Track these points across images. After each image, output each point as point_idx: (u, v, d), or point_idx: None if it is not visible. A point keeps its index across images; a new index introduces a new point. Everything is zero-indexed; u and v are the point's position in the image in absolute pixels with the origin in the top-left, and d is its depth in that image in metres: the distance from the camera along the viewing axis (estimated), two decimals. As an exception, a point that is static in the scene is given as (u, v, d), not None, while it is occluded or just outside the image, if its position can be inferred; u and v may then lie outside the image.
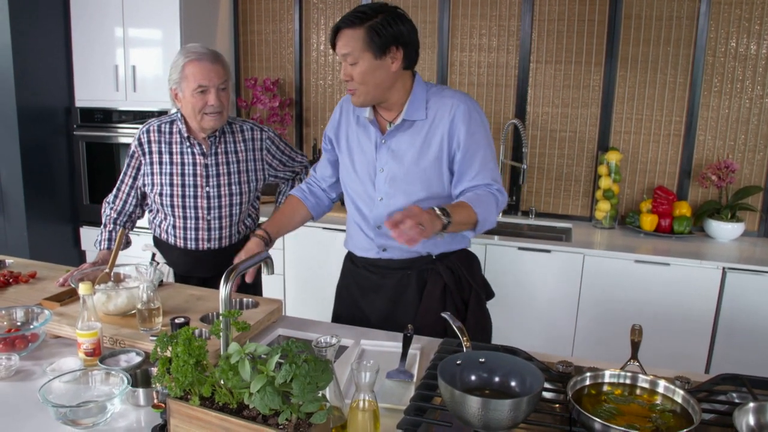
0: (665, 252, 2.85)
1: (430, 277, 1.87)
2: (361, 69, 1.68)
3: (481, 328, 1.91)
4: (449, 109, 1.74)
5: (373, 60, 1.68)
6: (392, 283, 1.89)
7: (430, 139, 1.75)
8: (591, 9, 3.22)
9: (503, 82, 3.45)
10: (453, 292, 1.86)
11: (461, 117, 1.72)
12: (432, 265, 1.87)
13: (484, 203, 1.67)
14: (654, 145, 3.26)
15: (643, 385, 1.27)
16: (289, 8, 3.80)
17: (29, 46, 3.37)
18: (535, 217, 3.50)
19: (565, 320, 2.97)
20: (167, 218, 2.15)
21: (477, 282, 1.92)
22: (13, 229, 3.49)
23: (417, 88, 1.78)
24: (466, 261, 1.92)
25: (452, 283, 1.86)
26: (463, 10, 3.44)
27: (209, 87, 1.97)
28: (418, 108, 1.76)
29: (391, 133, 1.79)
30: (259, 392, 1.05)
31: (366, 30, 1.65)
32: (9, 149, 3.39)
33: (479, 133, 1.74)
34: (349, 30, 1.67)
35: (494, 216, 1.69)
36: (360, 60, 1.67)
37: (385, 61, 1.69)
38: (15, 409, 1.34)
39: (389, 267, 1.88)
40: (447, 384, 1.18)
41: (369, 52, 1.67)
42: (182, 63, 1.98)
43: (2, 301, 1.84)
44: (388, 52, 1.68)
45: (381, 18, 1.66)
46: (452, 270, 1.87)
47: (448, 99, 1.75)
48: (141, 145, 2.13)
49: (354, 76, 1.70)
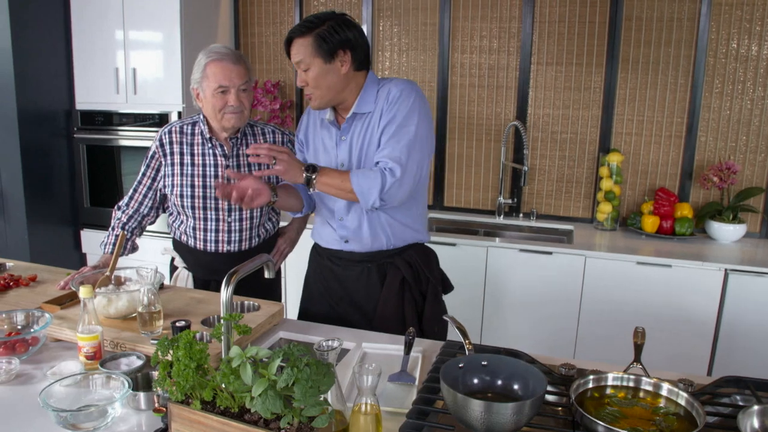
0: (667, 254, 2.84)
1: (389, 270, 1.97)
2: (314, 74, 1.80)
3: (437, 320, 2.01)
4: (386, 94, 1.86)
5: (323, 65, 1.80)
6: (354, 274, 2.00)
7: (374, 126, 1.86)
8: (591, 11, 3.22)
9: (504, 84, 3.45)
10: (411, 285, 1.97)
11: (386, 97, 1.84)
12: (391, 259, 1.98)
13: (364, 177, 1.78)
14: (655, 147, 3.26)
15: (646, 388, 1.27)
16: (290, 11, 3.80)
17: (30, 48, 3.37)
18: (537, 219, 3.49)
19: (567, 322, 2.96)
20: (188, 220, 2.14)
21: (434, 275, 2.03)
22: (14, 232, 3.49)
23: (368, 84, 1.89)
24: (424, 255, 2.03)
25: (410, 276, 1.97)
26: (464, 12, 3.44)
27: (230, 87, 1.97)
28: (368, 101, 1.87)
29: (345, 128, 1.91)
30: (261, 396, 1.04)
31: (314, 37, 1.78)
32: (10, 152, 3.39)
33: (400, 111, 1.82)
34: (300, 39, 1.79)
35: (375, 192, 1.77)
36: (311, 66, 1.80)
37: (335, 64, 1.81)
38: (15, 413, 1.33)
39: (351, 259, 1.99)
40: (449, 387, 1.18)
41: (318, 58, 1.79)
42: (204, 62, 1.98)
43: (3, 305, 1.83)
44: (336, 57, 1.80)
45: (327, 26, 1.79)
46: (410, 264, 1.98)
47: (386, 86, 1.87)
48: (162, 146, 2.12)
49: (308, 82, 1.82)
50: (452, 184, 3.65)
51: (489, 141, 3.54)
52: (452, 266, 3.08)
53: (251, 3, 3.88)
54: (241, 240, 2.15)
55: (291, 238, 2.37)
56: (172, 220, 2.21)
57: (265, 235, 2.24)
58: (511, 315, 3.05)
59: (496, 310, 3.08)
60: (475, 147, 3.57)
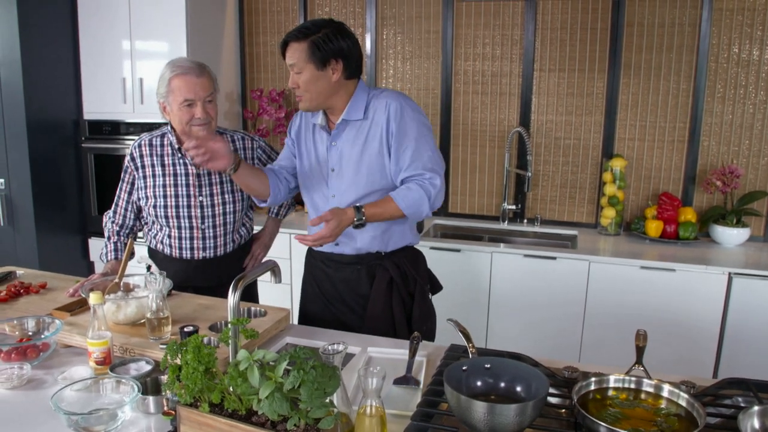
0: (671, 258, 2.85)
1: (378, 272, 2.02)
2: (305, 78, 1.86)
3: (425, 318, 2.07)
4: (384, 107, 1.91)
5: (315, 71, 1.85)
6: (344, 276, 2.05)
7: (372, 136, 1.92)
8: (593, 17, 3.24)
9: (507, 91, 3.48)
10: (399, 285, 2.02)
11: (393, 113, 1.90)
12: (380, 261, 2.03)
13: (409, 196, 1.87)
14: (658, 152, 3.27)
15: (647, 390, 1.28)
16: (294, 20, 3.84)
17: (38, 59, 3.42)
18: (541, 225, 3.51)
19: (572, 327, 2.97)
20: (162, 229, 2.18)
21: (421, 276, 2.08)
22: (23, 240, 3.53)
23: (358, 92, 1.95)
24: (412, 257, 2.09)
25: (398, 276, 2.02)
26: (467, 20, 3.47)
27: (195, 100, 2.00)
28: (357, 110, 1.93)
29: (336, 134, 1.96)
30: (268, 398, 1.07)
31: (309, 44, 1.83)
32: (18, 161, 3.43)
33: (410, 127, 1.90)
34: (295, 43, 1.84)
35: (425, 205, 1.88)
36: (303, 70, 1.85)
37: (327, 72, 1.86)
38: (27, 417, 1.36)
39: (341, 261, 2.04)
40: (453, 390, 1.20)
41: (311, 64, 1.84)
42: (168, 77, 2.00)
43: (14, 312, 1.86)
44: (328, 65, 1.85)
45: (323, 33, 1.84)
46: (398, 265, 2.03)
47: (383, 98, 1.93)
48: (133, 160, 2.17)
49: (299, 84, 1.87)
50: (456, 191, 3.67)
51: (493, 147, 3.56)
52: (457, 272, 3.11)
53: (256, 12, 3.92)
54: (216, 246, 2.19)
55: (264, 243, 2.41)
56: (147, 230, 2.25)
57: (240, 241, 2.28)
58: (517, 320, 3.06)
59: (501, 315, 3.09)
60: (479, 153, 3.59)
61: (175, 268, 2.16)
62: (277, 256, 3.42)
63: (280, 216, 2.43)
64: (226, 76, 3.87)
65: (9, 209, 3.52)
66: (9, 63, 3.32)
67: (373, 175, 1.94)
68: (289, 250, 3.47)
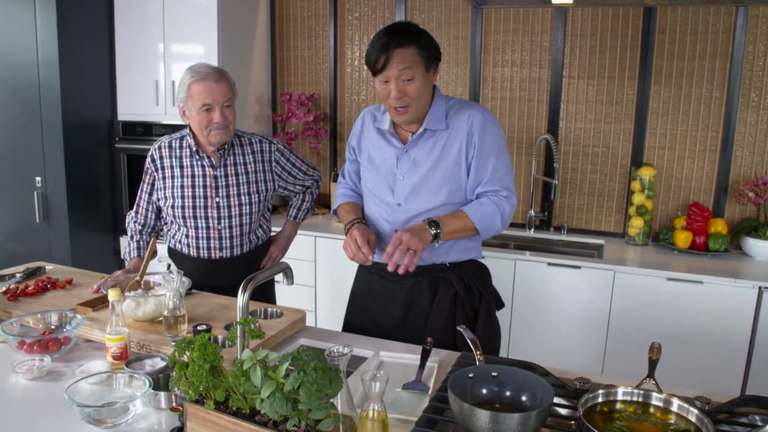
0: (699, 270, 2.78)
1: (441, 285, 1.92)
2: (417, 84, 1.77)
3: (490, 337, 1.96)
4: (467, 119, 1.84)
5: (424, 74, 1.79)
6: (404, 289, 1.95)
7: (450, 147, 1.85)
8: (624, 24, 3.19)
9: (536, 98, 3.45)
10: (463, 301, 1.92)
11: (477, 126, 1.83)
12: (444, 274, 1.92)
13: (482, 211, 1.81)
14: (689, 161, 3.20)
15: (656, 404, 1.25)
16: (324, 25, 3.88)
17: (75, 62, 3.53)
18: (568, 233, 3.46)
19: (595, 338, 2.92)
20: (181, 229, 2.23)
21: (488, 292, 1.98)
22: (57, 237, 3.64)
23: (437, 101, 1.88)
24: (478, 271, 1.98)
25: (463, 291, 1.92)
26: (495, 26, 3.46)
27: (213, 105, 2.05)
28: (439, 119, 1.86)
29: (413, 142, 1.89)
30: (269, 398, 1.08)
31: (416, 47, 1.75)
32: (54, 160, 3.54)
33: (492, 141, 1.85)
34: (402, 49, 1.74)
35: (497, 221, 1.83)
36: (416, 75, 1.76)
37: (430, 75, 1.81)
38: (44, 407, 1.40)
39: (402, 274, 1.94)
40: (456, 397, 1.19)
41: (422, 67, 1.77)
42: (188, 82, 2.07)
43: (39, 306, 1.92)
44: (431, 67, 1.80)
45: (424, 35, 1.78)
46: (463, 279, 1.93)
47: (466, 110, 1.86)
48: (153, 162, 2.22)
49: (409, 92, 1.77)
50: (482, 197, 3.65)
51: (520, 154, 3.53)
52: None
53: (287, 17, 3.98)
54: (233, 246, 2.22)
55: (282, 245, 2.43)
56: (167, 229, 2.30)
57: (257, 241, 2.30)
58: (539, 329, 3.03)
59: (523, 324, 3.06)
60: (506, 160, 3.56)
61: (194, 267, 2.20)
62: (302, 258, 3.49)
63: (298, 219, 2.46)
64: (257, 79, 3.93)
65: (45, 207, 3.63)
66: (47, 65, 3.44)
67: (448, 186, 1.86)
68: (314, 252, 3.50)
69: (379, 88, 1.83)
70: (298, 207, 2.46)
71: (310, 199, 2.47)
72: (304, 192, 2.44)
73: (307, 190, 2.44)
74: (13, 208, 3.75)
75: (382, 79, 1.80)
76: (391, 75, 1.76)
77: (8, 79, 3.59)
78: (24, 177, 3.64)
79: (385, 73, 1.77)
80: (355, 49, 3.84)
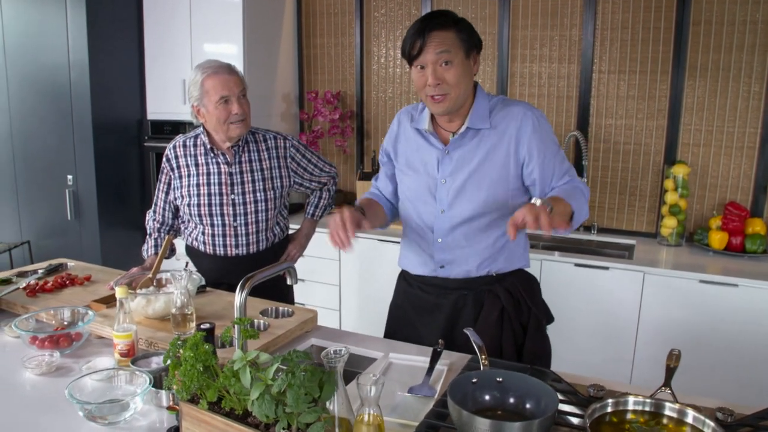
0: (734, 272, 2.65)
1: (487, 299, 1.79)
2: (456, 71, 1.63)
3: (539, 355, 1.82)
4: (517, 118, 1.70)
5: (464, 60, 1.64)
6: (448, 303, 1.82)
7: (497, 147, 1.71)
8: (657, 16, 3.07)
9: (564, 94, 3.35)
10: (511, 316, 1.78)
11: (531, 126, 1.69)
12: (490, 286, 1.79)
13: (574, 196, 1.62)
14: (725, 158, 3.06)
15: (670, 414, 1.18)
16: (351, 22, 3.86)
17: (105, 63, 3.60)
18: (598, 233, 3.36)
19: (624, 342, 2.82)
20: (197, 227, 2.23)
21: (537, 306, 1.84)
22: (87, 234, 3.72)
23: (479, 97, 1.74)
24: (527, 283, 1.84)
25: (510, 306, 1.79)
26: (524, 21, 3.37)
27: (231, 96, 2.05)
28: (482, 117, 1.72)
29: (455, 142, 1.74)
30: (258, 400, 1.06)
31: (456, 31, 1.63)
32: (84, 159, 3.62)
33: (549, 139, 1.72)
34: (441, 31, 1.62)
35: (586, 207, 1.66)
36: (454, 59, 1.62)
37: (470, 63, 1.67)
38: (50, 403, 1.41)
39: (445, 286, 1.82)
40: (455, 403, 1.15)
41: (461, 52, 1.63)
42: (200, 79, 2.06)
43: (56, 302, 1.95)
44: (471, 55, 1.67)
45: (463, 21, 1.67)
46: (511, 292, 1.79)
47: (514, 108, 1.72)
48: (169, 161, 2.24)
49: (447, 79, 1.63)
50: (509, 195, 3.57)
51: (548, 151, 3.44)
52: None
53: (314, 15, 3.97)
54: (249, 243, 2.21)
55: (300, 244, 2.42)
56: (184, 228, 2.30)
57: (274, 239, 2.29)
58: (565, 332, 2.93)
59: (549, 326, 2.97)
60: (534, 157, 3.48)
61: (211, 265, 2.20)
62: (326, 257, 3.48)
63: (315, 217, 2.44)
64: (283, 77, 3.94)
65: (76, 204, 3.71)
66: (78, 66, 3.51)
67: (494, 188, 1.72)
68: (339, 251, 3.48)
69: (416, 77, 1.68)
70: (315, 204, 2.44)
71: (327, 196, 2.44)
72: (321, 189, 2.42)
73: (323, 187, 2.42)
74: (46, 205, 3.85)
75: (418, 65, 1.66)
76: (428, 59, 1.62)
77: (41, 81, 3.68)
78: (56, 175, 3.74)
79: (421, 58, 1.63)
80: (382, 46, 3.80)
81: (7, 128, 3.91)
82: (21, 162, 3.91)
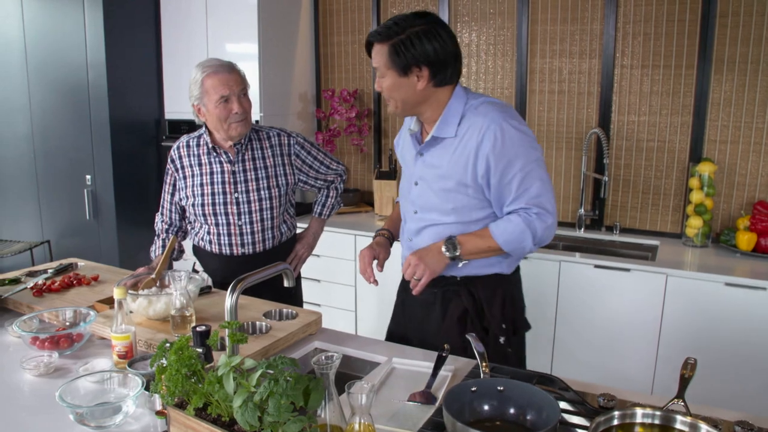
0: (763, 275, 2.53)
1: (453, 299, 1.81)
2: (387, 84, 1.68)
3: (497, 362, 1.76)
4: (479, 130, 1.64)
5: (397, 77, 1.65)
6: (420, 299, 1.84)
7: (459, 157, 1.68)
8: (681, 8, 2.96)
9: (585, 90, 3.26)
10: (474, 320, 1.78)
11: (491, 144, 1.62)
12: (455, 287, 1.80)
13: (509, 230, 1.66)
14: (754, 156, 2.93)
15: (681, 428, 1.11)
16: (368, 19, 3.81)
17: (123, 62, 3.61)
18: (620, 233, 3.25)
19: (645, 347, 2.72)
20: (203, 226, 2.21)
21: (494, 316, 1.78)
22: (106, 234, 3.74)
23: (453, 103, 1.70)
24: (492, 290, 1.79)
25: (472, 309, 1.79)
26: (543, 15, 3.29)
27: (230, 95, 2.02)
28: (449, 125, 1.70)
29: (425, 147, 1.76)
30: (241, 407, 1.02)
31: (389, 47, 1.63)
32: (102, 158, 3.64)
33: (515, 153, 1.63)
34: (377, 45, 1.66)
35: (527, 241, 1.66)
36: (386, 75, 1.67)
37: (410, 79, 1.65)
38: (44, 404, 1.39)
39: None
40: (449, 414, 1.09)
41: (393, 70, 1.65)
42: (200, 78, 2.04)
43: (62, 302, 1.94)
44: (411, 72, 1.64)
45: (405, 36, 1.61)
46: (473, 296, 1.79)
47: (480, 118, 1.65)
48: (173, 162, 2.22)
49: (384, 89, 1.70)
50: (528, 195, 3.49)
51: (570, 149, 3.35)
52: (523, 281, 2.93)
53: (330, 13, 3.93)
54: (254, 242, 2.18)
55: (308, 243, 2.38)
56: (191, 228, 2.28)
57: (281, 237, 2.25)
58: (584, 336, 2.85)
59: (567, 330, 2.89)
60: (555, 156, 3.39)
61: (217, 264, 2.18)
62: (342, 257, 3.44)
63: (323, 216, 2.40)
64: (300, 76, 3.91)
65: (94, 204, 3.74)
66: (96, 66, 3.53)
67: (456, 198, 1.71)
68: (354, 251, 3.44)
69: None
70: (322, 203, 2.40)
71: (334, 194, 2.40)
72: (328, 187, 2.38)
73: (330, 185, 2.37)
74: (66, 205, 3.88)
75: None
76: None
77: (59, 80, 3.72)
78: (75, 175, 3.77)
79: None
80: (398, 44, 3.74)
81: (28, 128, 3.96)
82: (42, 161, 3.96)
